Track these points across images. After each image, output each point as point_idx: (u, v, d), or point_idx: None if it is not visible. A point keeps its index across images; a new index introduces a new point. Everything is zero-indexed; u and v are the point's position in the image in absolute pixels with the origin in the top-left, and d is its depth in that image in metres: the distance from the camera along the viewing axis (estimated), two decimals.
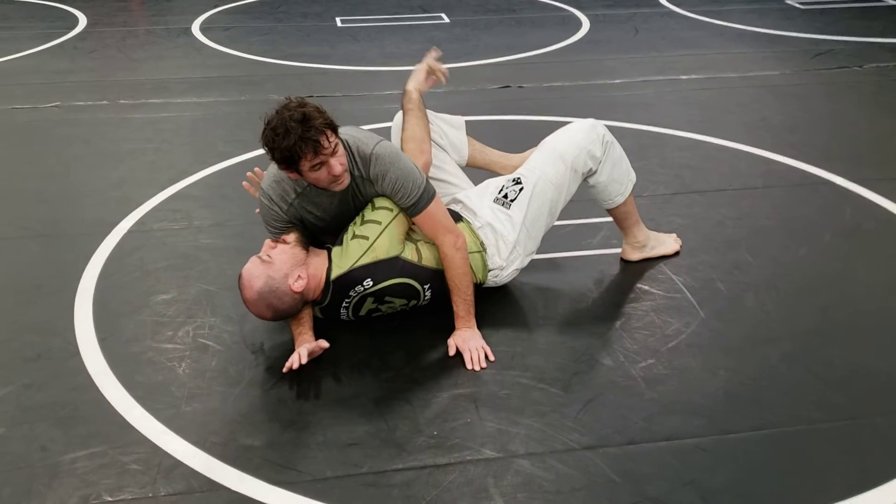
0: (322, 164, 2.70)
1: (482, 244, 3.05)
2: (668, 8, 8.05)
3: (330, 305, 2.89)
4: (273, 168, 2.85)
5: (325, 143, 2.66)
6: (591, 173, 3.16)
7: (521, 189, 3.08)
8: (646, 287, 3.25)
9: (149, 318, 3.09)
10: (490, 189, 3.15)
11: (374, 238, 2.84)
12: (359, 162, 2.86)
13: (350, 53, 6.66)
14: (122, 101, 5.49)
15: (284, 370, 2.71)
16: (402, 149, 3.12)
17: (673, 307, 3.12)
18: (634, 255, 3.41)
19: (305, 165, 2.70)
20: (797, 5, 8.05)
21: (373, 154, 2.84)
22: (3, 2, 8.42)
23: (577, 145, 3.11)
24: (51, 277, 3.38)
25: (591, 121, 3.20)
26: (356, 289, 2.85)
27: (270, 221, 2.94)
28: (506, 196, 3.08)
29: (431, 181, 3.16)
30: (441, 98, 5.44)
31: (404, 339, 2.97)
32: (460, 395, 2.67)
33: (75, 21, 7.69)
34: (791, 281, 3.30)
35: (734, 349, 2.89)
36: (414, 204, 2.86)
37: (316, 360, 2.80)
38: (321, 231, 3.02)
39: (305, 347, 2.74)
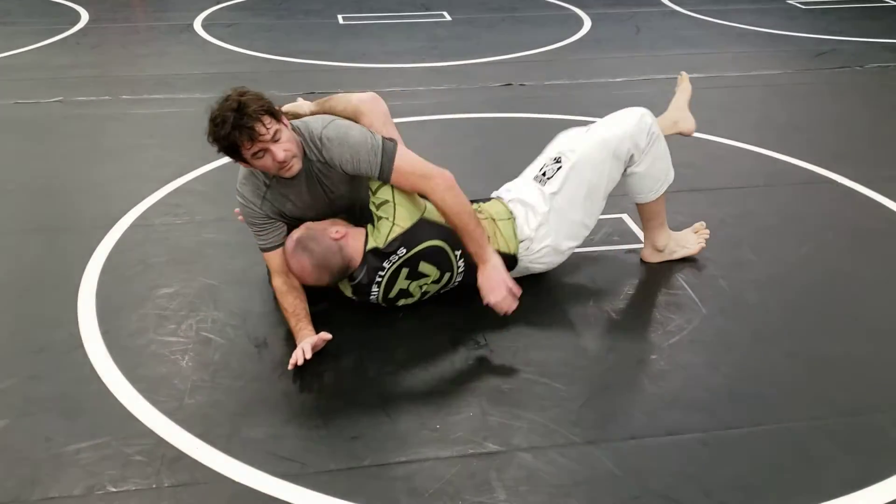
0: (263, 151, 2.69)
1: (511, 213, 3.08)
2: (669, 7, 8.06)
3: (364, 281, 2.90)
4: (242, 167, 2.88)
5: (262, 130, 2.65)
6: (631, 161, 3.12)
7: (559, 168, 3.09)
8: (648, 283, 3.26)
9: (152, 311, 3.10)
10: (531, 170, 3.20)
11: (392, 216, 2.85)
12: (314, 147, 2.85)
13: (352, 51, 6.67)
14: (124, 97, 5.49)
15: (290, 367, 2.71)
16: (336, 109, 3.08)
17: (675, 303, 3.12)
18: (654, 258, 3.37)
19: (247, 154, 2.70)
20: (799, 5, 8.06)
21: (322, 138, 2.82)
22: None
23: (623, 132, 3.09)
24: (54, 271, 3.39)
25: (641, 110, 3.15)
26: (391, 258, 2.87)
27: (250, 220, 2.94)
28: (544, 174, 3.11)
29: None
30: (443, 95, 5.45)
31: (408, 332, 2.97)
32: (463, 388, 2.68)
33: (77, 17, 7.69)
34: (794, 279, 3.30)
35: (736, 345, 2.89)
36: (380, 171, 2.82)
37: (319, 353, 2.80)
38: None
39: (308, 342, 2.75)
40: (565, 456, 2.39)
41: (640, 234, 3.59)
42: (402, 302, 3.01)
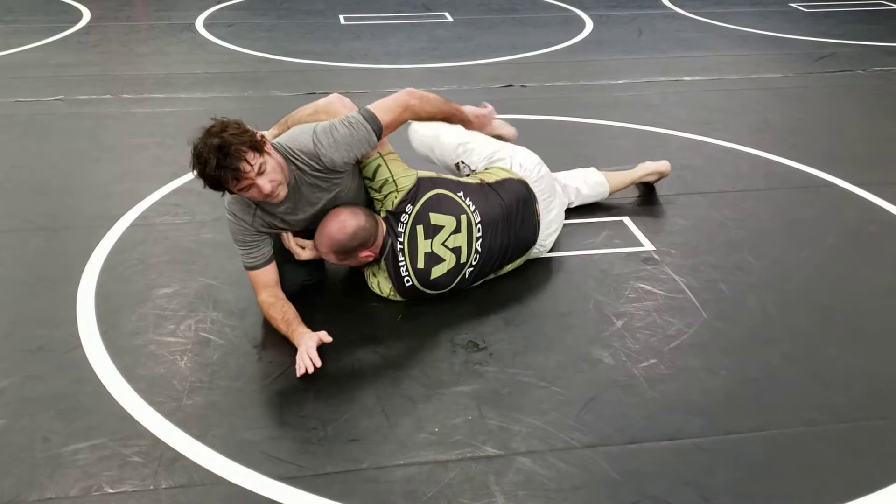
0: (249, 185, 2.70)
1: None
2: (671, 10, 8.05)
3: (388, 255, 3.00)
4: None
5: (246, 168, 2.65)
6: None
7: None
8: (648, 287, 3.26)
9: (150, 311, 3.09)
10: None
11: (395, 187, 3.04)
12: (306, 159, 2.87)
13: (353, 51, 6.66)
14: (125, 96, 5.49)
15: (298, 375, 2.70)
16: (305, 119, 3.16)
17: (675, 307, 3.12)
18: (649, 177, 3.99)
19: (233, 189, 2.73)
20: (800, 8, 8.06)
21: (316, 148, 2.85)
22: None
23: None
24: (53, 270, 3.38)
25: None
26: (402, 219, 3.02)
27: (239, 237, 2.95)
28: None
29: None
30: (444, 96, 5.43)
31: (406, 335, 2.97)
32: (462, 392, 2.67)
33: (79, 15, 7.68)
34: (793, 282, 3.30)
35: (736, 350, 2.89)
36: (375, 135, 2.94)
37: (318, 354, 2.79)
38: (304, 229, 3.04)
39: (310, 343, 2.74)
40: (564, 460, 2.39)
41: (641, 238, 3.60)
42: (437, 272, 3.04)
